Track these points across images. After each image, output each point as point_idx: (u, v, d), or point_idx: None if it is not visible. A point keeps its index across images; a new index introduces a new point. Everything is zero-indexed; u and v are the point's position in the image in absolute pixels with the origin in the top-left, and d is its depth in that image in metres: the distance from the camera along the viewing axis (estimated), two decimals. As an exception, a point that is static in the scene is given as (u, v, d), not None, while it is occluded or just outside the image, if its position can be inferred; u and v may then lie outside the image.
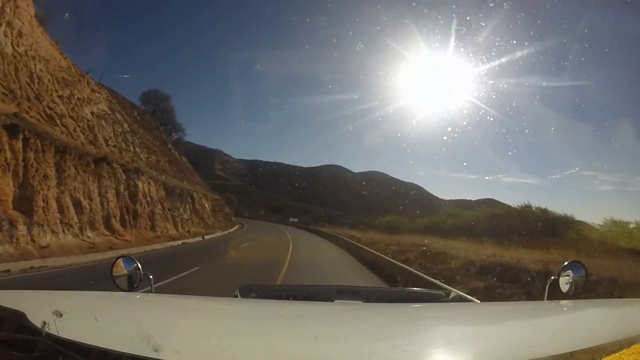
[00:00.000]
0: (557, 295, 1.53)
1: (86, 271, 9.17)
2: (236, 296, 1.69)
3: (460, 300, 1.89)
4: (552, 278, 1.55)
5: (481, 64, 13.67)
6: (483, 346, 0.90)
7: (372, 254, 13.35)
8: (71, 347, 0.72)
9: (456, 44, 13.25)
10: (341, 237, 22.35)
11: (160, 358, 0.70)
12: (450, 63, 15.67)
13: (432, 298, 1.83)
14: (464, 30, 13.39)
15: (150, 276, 1.55)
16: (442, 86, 19.70)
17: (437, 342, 0.97)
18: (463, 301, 2.03)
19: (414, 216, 33.10)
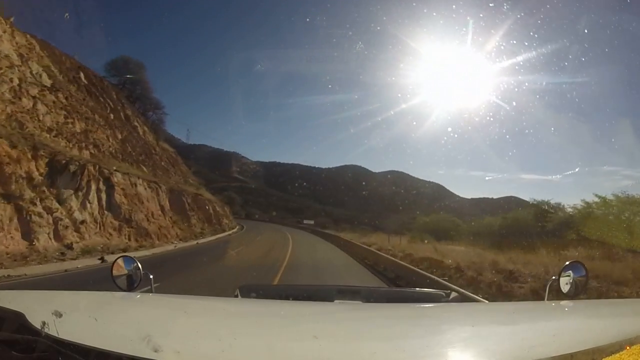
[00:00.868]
0: (558, 295, 1.53)
1: None
2: (236, 296, 1.69)
3: (460, 300, 1.88)
4: (553, 278, 1.55)
5: (498, 62, 13.78)
6: (483, 346, 0.90)
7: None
8: (71, 348, 0.72)
9: (473, 40, 13.45)
10: (368, 249, 16.06)
11: (160, 358, 0.70)
12: (464, 60, 16.00)
13: (433, 298, 1.83)
14: (483, 24, 13.37)
15: (150, 276, 1.55)
16: (460, 84, 19.98)
17: (438, 343, 0.97)
18: (463, 301, 2.02)
19: (451, 215, 28.02)
